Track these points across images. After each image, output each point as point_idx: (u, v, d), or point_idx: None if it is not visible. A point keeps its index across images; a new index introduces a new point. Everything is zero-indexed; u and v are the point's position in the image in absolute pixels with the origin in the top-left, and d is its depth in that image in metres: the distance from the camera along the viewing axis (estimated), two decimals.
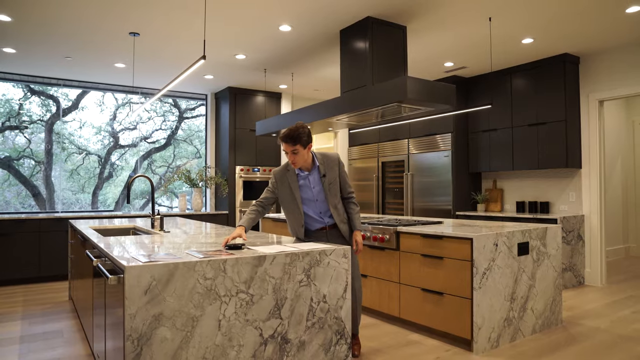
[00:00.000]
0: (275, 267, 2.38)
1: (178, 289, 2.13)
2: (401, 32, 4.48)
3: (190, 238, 3.15)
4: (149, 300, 2.06)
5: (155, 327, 2.07)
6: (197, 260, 2.17)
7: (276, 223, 5.75)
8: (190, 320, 2.15)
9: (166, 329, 2.09)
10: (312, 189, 3.06)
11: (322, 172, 3.05)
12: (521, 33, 4.75)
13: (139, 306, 2.04)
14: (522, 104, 5.86)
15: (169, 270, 2.11)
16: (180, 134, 9.82)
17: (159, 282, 2.08)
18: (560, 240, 3.97)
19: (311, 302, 2.50)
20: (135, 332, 2.03)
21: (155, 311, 2.07)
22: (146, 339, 2.05)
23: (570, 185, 5.69)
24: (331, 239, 3.18)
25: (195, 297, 2.16)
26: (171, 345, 2.10)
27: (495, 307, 3.39)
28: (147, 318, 2.05)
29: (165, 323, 2.09)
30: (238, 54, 5.46)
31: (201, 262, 2.18)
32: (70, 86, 6.83)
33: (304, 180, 3.07)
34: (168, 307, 2.10)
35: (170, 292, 2.11)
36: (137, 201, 8.38)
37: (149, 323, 2.06)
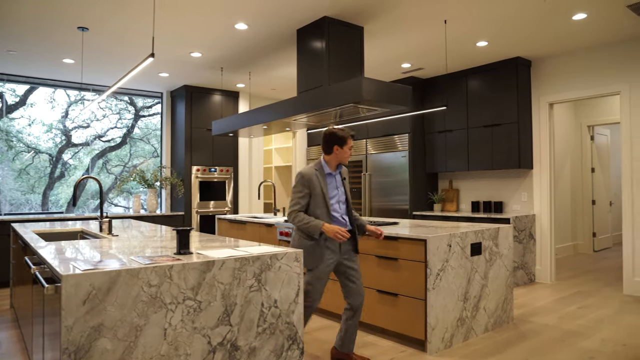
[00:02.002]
0: (224, 273, 2.31)
1: (120, 297, 2.02)
2: (358, 32, 4.48)
3: (138, 242, 3.02)
4: (88, 311, 1.95)
5: (95, 338, 1.96)
6: (140, 267, 2.07)
7: (232, 224, 5.65)
8: (134, 330, 2.05)
9: (107, 340, 1.98)
10: (337, 188, 3.10)
11: (343, 175, 3.18)
12: (476, 36, 4.84)
13: (77, 317, 1.92)
14: (477, 106, 5.99)
15: (110, 278, 2.00)
16: (137, 132, 9.48)
17: (99, 291, 1.97)
18: (511, 240, 4.07)
19: (262, 308, 2.44)
20: (72, 344, 1.91)
21: (94, 322, 1.96)
22: (84, 352, 1.94)
23: (523, 186, 5.86)
24: (343, 247, 3.08)
25: (139, 306, 2.06)
26: (112, 356, 2.00)
27: (448, 307, 3.44)
28: (85, 329, 1.94)
29: (106, 334, 1.98)
30: (193, 52, 5.32)
31: (145, 268, 2.09)
32: (16, 82, 6.47)
33: (332, 181, 3.09)
34: (109, 317, 1.99)
35: (111, 301, 2.00)
36: (91, 202, 8.06)
37: (87, 334, 1.94)
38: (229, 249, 2.65)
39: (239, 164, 7.50)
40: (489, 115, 5.86)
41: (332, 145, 3.04)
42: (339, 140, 3.02)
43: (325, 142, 3.06)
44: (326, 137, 3.05)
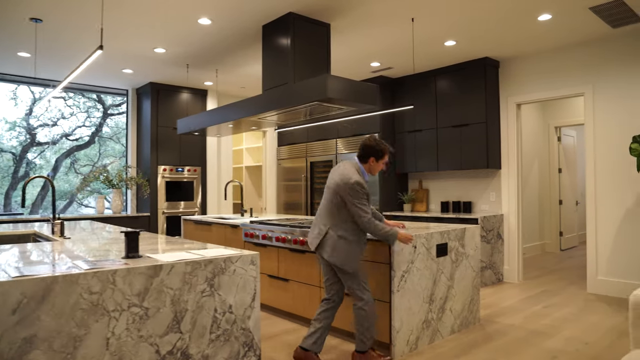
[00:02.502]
0: (173, 277, 2.18)
1: (57, 306, 1.88)
2: (325, 29, 4.39)
3: (88, 245, 2.86)
4: (19, 321, 1.80)
5: (27, 351, 1.81)
6: (80, 273, 1.93)
7: (198, 226, 5.49)
8: (72, 341, 1.91)
9: (40, 353, 1.83)
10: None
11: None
12: (444, 35, 4.82)
13: (5, 328, 1.77)
14: (446, 106, 5.98)
15: (45, 285, 1.85)
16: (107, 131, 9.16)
17: (31, 299, 1.82)
18: (478, 240, 4.04)
19: (215, 313, 2.32)
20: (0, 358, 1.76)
21: (26, 333, 1.81)
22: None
23: (491, 186, 5.88)
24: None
25: (78, 314, 1.92)
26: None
27: (414, 309, 3.38)
28: (15, 341, 1.79)
29: (40, 346, 1.83)
30: (157, 48, 5.14)
31: (85, 274, 1.94)
32: None
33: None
34: (44, 327, 1.84)
35: (46, 310, 1.85)
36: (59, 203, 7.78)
37: (18, 347, 1.79)
38: (184, 252, 2.52)
39: (207, 163, 7.33)
40: (457, 116, 5.86)
41: (369, 156, 3.05)
42: (377, 153, 3.05)
43: (363, 151, 3.06)
44: (366, 147, 3.05)
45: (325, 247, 3.03)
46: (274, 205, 8.18)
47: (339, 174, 3.01)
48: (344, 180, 2.93)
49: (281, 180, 8.02)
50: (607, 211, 4.95)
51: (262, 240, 4.39)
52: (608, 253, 4.94)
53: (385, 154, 3.07)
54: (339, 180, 2.97)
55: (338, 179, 2.98)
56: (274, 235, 4.23)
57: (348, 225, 3.00)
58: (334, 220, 3.01)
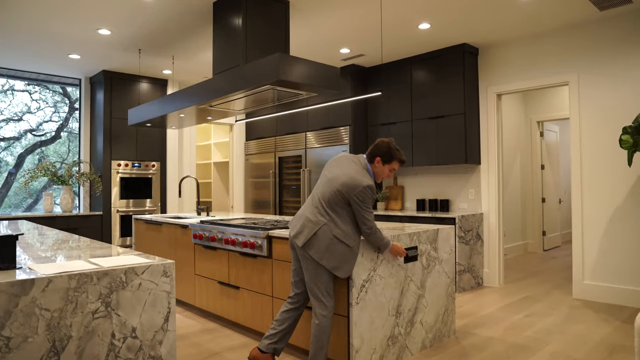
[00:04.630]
0: (50, 295, 1.69)
1: None
2: (282, 6, 3.91)
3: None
4: None
5: None
6: None
7: (148, 226, 4.97)
8: None
9: None
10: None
11: None
12: (416, 17, 4.38)
13: None
14: (422, 96, 5.54)
15: None
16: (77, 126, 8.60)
17: None
18: (452, 243, 3.60)
19: (113, 339, 1.83)
20: None
21: None
22: None
23: (470, 182, 5.46)
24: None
25: None
26: None
27: (376, 324, 2.92)
28: None
29: None
30: (100, 29, 4.60)
31: None
32: None
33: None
34: None
35: None
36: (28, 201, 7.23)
37: None
38: (83, 260, 2.02)
39: (167, 158, 6.79)
40: (433, 107, 5.42)
41: (376, 155, 2.83)
42: (385, 155, 2.82)
43: (374, 147, 2.86)
44: (377, 145, 2.86)
45: (315, 246, 2.63)
46: (241, 204, 7.67)
47: (347, 174, 2.70)
48: (355, 183, 2.65)
49: (249, 177, 7.53)
50: (595, 210, 4.56)
51: (211, 243, 3.90)
52: (595, 255, 4.56)
53: (395, 160, 2.84)
54: (349, 181, 2.67)
55: (347, 179, 2.67)
56: (224, 237, 3.73)
57: (349, 228, 2.69)
58: (332, 217, 2.66)
